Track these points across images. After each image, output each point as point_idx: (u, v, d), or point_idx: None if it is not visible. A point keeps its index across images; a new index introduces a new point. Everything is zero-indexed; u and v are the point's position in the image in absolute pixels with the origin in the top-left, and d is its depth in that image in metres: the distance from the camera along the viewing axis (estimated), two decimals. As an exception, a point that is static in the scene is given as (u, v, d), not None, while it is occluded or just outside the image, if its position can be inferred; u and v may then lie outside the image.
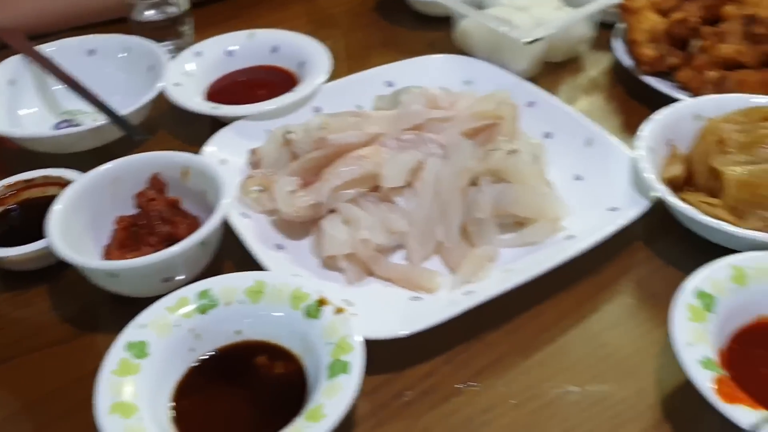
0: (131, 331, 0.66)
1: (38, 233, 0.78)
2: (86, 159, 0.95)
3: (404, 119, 0.86)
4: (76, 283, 0.79)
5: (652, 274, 0.78)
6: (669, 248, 0.81)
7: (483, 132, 0.83)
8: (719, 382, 0.59)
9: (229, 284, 0.70)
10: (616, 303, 0.75)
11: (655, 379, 0.68)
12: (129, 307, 0.76)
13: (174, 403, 0.64)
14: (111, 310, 0.78)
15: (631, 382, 0.67)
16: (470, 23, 1.10)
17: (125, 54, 1.09)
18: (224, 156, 0.91)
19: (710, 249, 0.77)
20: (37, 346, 0.75)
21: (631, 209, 0.79)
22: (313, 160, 0.84)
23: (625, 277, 0.78)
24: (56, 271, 0.81)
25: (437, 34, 1.21)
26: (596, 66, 1.12)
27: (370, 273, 0.78)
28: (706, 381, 0.59)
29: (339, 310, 0.66)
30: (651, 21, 1.03)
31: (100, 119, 0.97)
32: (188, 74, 1.05)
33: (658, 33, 1.01)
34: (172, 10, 1.17)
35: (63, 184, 0.86)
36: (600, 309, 0.75)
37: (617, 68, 1.09)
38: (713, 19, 1.01)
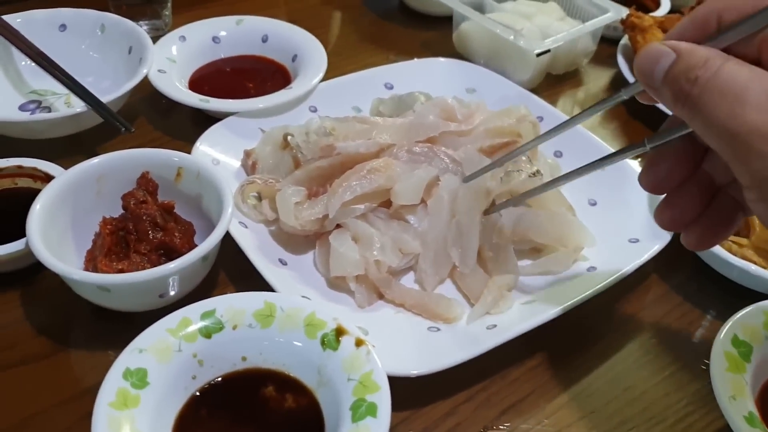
0: (129, 357, 0.59)
1: (6, 229, 0.71)
2: (57, 146, 0.87)
3: (418, 130, 0.80)
4: (53, 289, 0.72)
5: (670, 311, 0.76)
6: (684, 283, 0.78)
7: (501, 149, 0.79)
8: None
9: (235, 305, 0.63)
10: (637, 343, 0.72)
11: (684, 427, 0.65)
12: (115, 318, 0.70)
13: (174, 440, 0.58)
14: (95, 321, 0.71)
15: (661, 429, 0.64)
16: (471, 26, 1.06)
17: (100, 32, 1.00)
18: (216, 155, 0.84)
19: (728, 286, 0.76)
20: (10, 363, 0.67)
21: (652, 242, 0.76)
22: (320, 168, 0.78)
23: (643, 314, 0.75)
24: (30, 274, 0.73)
25: (430, 33, 1.17)
26: (597, 81, 1.09)
27: (381, 296, 0.73)
28: (754, 440, 0.57)
29: (359, 342, 0.61)
30: (658, 40, 1.00)
31: (75, 103, 0.89)
32: (172, 60, 0.97)
33: (667, 54, 0.99)
34: (152, -12, 1.08)
35: (36, 176, 0.78)
36: (622, 349, 0.71)
37: (619, 84, 1.06)
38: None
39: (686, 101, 0.41)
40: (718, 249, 0.73)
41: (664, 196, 0.52)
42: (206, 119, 0.90)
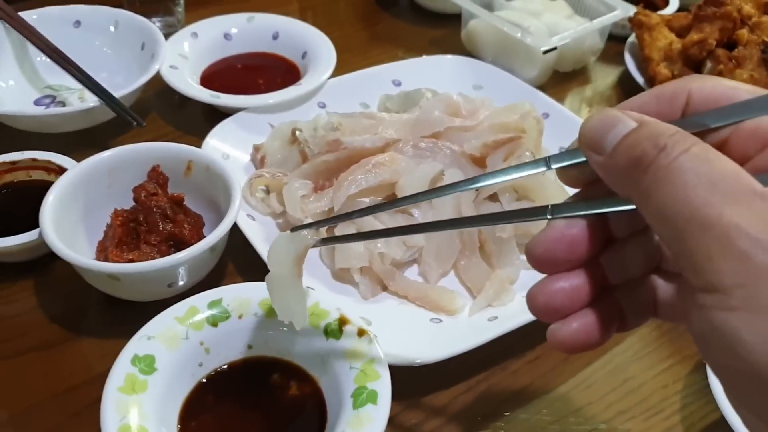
0: (138, 344, 0.60)
1: (21, 220, 0.73)
2: (71, 140, 0.89)
3: (423, 126, 0.82)
4: (65, 278, 0.74)
5: (670, 304, 0.76)
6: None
7: (505, 145, 0.80)
8: None
9: (242, 295, 0.65)
10: (637, 335, 0.73)
11: (681, 418, 0.66)
12: (124, 307, 0.72)
13: (180, 426, 0.60)
14: (105, 311, 0.73)
15: (658, 421, 0.65)
16: (479, 24, 1.07)
17: (114, 28, 1.02)
18: (226, 150, 0.85)
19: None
20: (24, 349, 0.69)
21: (653, 237, 0.77)
22: (326, 163, 0.79)
23: (643, 307, 0.76)
24: (43, 264, 0.75)
25: (439, 31, 1.18)
26: (604, 79, 1.10)
27: (384, 288, 0.74)
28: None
29: (362, 332, 0.62)
30: (666, 39, 1.01)
31: (89, 98, 0.91)
32: (184, 56, 0.99)
33: (673, 52, 0.99)
34: (165, -15, 1.10)
35: (50, 168, 0.80)
36: (622, 340, 0.73)
37: (626, 83, 1.07)
38: (728, 42, 1.00)
39: (647, 171, 0.33)
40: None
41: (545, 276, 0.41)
42: (217, 115, 0.92)
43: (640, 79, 1.02)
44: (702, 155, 0.32)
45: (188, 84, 0.93)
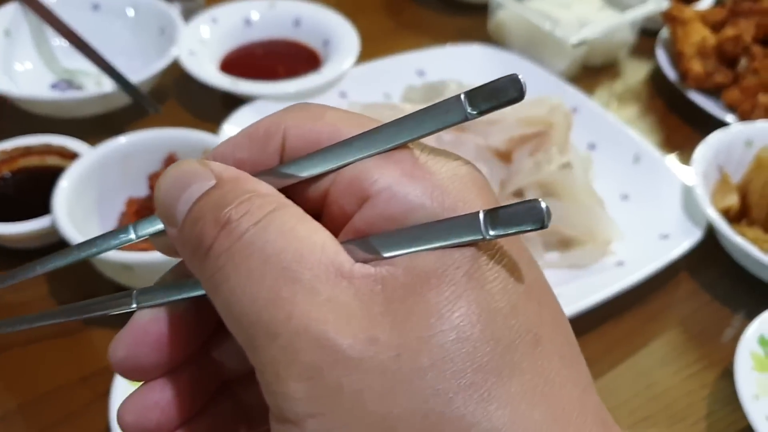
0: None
1: (34, 206, 0.71)
2: (85, 125, 0.87)
3: (447, 118, 0.79)
4: (77, 266, 0.72)
5: (699, 309, 0.74)
6: (715, 282, 0.76)
7: (532, 140, 0.77)
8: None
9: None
10: (663, 339, 0.71)
11: (706, 426, 0.63)
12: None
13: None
14: (117, 300, 0.71)
15: (683, 428, 0.63)
16: (508, 15, 1.04)
17: (133, 12, 1.00)
18: (244, 138, 0.84)
19: (760, 287, 0.74)
20: (33, 339, 0.67)
21: (683, 239, 0.74)
22: (347, 154, 0.77)
23: (671, 311, 0.74)
24: (55, 251, 0.73)
25: (467, 20, 1.15)
26: (635, 74, 1.07)
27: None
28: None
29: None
30: (700, 34, 0.98)
31: (105, 83, 0.89)
32: (203, 42, 0.97)
33: (707, 48, 0.96)
34: (185, -31, 1.08)
35: (64, 154, 0.78)
36: (647, 344, 0.70)
37: (657, 78, 1.04)
38: (765, 38, 0.96)
39: (207, 255, 0.25)
40: (751, 248, 0.71)
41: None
42: (235, 102, 0.90)
43: (672, 74, 0.98)
44: (278, 227, 0.24)
45: (206, 70, 0.91)
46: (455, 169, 0.25)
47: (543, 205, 0.22)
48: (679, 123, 0.97)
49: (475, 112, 0.25)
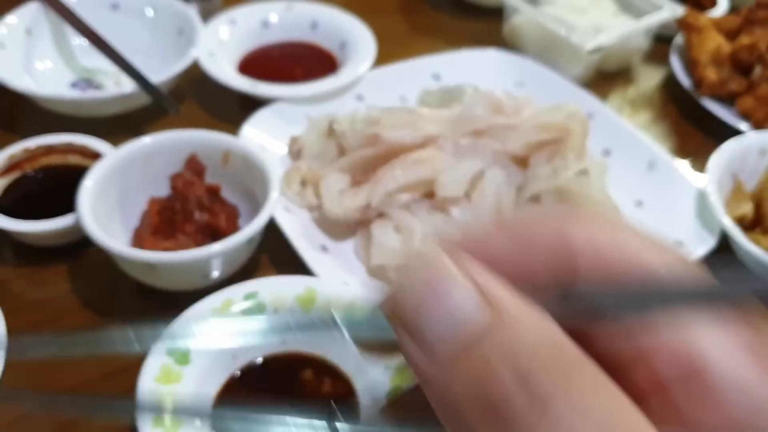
0: (173, 333, 0.60)
1: (56, 204, 0.72)
2: (104, 125, 0.88)
3: (465, 122, 0.80)
4: (99, 264, 0.73)
5: (712, 315, 0.74)
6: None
7: (549, 146, 0.78)
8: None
9: (277, 289, 0.64)
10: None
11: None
12: (155, 296, 0.71)
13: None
14: (138, 297, 0.72)
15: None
16: (523, 19, 1.05)
17: (152, 12, 1.01)
18: (262, 140, 0.84)
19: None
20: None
21: (697, 246, 0.75)
22: (365, 157, 0.78)
23: (685, 316, 0.74)
24: (77, 249, 0.75)
25: (481, 24, 1.15)
26: (649, 81, 1.08)
27: (421, 287, 0.73)
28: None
29: (398, 332, 0.61)
30: (715, 42, 0.99)
31: (124, 82, 0.90)
32: (221, 43, 0.98)
33: (721, 56, 0.97)
34: (203, -30, 1.09)
35: (86, 153, 0.79)
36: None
37: (671, 85, 1.04)
38: (779, 46, 0.97)
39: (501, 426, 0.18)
40: (765, 257, 0.71)
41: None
42: (254, 103, 0.91)
43: (686, 81, 0.99)
44: (599, 416, 0.17)
45: (225, 71, 0.92)
46: None
47: None
48: (693, 130, 0.98)
49: None
